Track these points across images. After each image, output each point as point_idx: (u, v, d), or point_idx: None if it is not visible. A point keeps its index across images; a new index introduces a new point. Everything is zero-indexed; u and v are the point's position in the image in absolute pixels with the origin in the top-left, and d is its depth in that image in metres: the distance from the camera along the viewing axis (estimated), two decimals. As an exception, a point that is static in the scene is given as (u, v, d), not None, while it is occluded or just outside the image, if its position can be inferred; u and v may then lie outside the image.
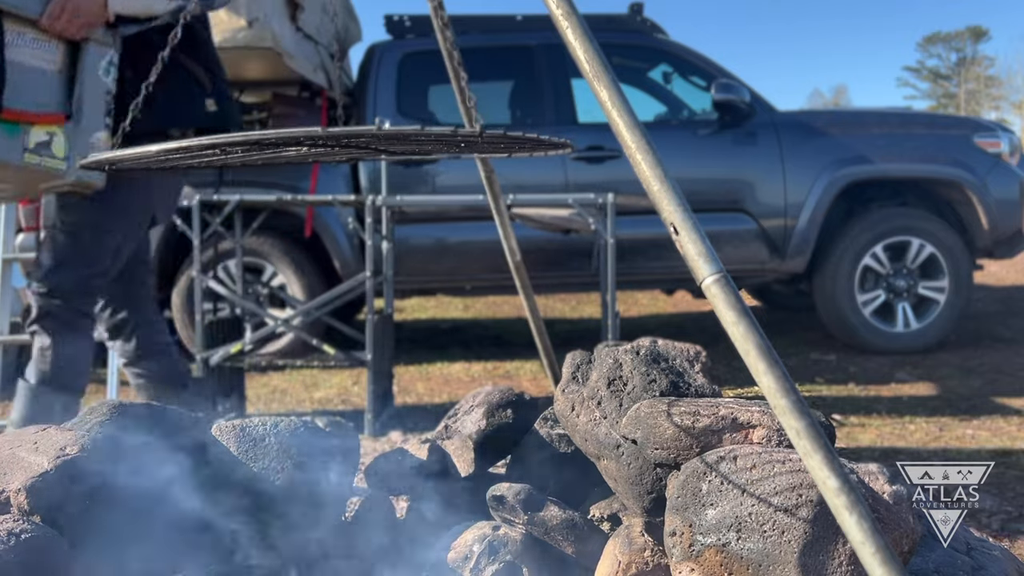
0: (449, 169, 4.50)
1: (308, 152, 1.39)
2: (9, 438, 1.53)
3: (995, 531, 2.30)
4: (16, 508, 1.36)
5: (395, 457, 1.83)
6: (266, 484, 1.59)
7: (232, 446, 1.60)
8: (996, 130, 4.91)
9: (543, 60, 4.79)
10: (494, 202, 2.43)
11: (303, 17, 4.27)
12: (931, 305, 4.67)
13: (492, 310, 6.99)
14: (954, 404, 3.66)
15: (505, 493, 1.55)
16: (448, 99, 4.11)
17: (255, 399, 4.08)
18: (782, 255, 4.63)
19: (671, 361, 1.67)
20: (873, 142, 4.70)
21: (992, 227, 4.66)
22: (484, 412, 1.85)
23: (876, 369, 4.34)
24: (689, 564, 1.25)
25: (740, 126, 4.65)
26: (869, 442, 3.17)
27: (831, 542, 1.17)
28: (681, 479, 1.32)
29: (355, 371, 4.44)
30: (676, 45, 4.98)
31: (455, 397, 3.92)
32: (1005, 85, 48.09)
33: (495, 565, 1.54)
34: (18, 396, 2.55)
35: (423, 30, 4.84)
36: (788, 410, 0.98)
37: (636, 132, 1.11)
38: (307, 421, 1.68)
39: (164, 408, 1.70)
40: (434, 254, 4.59)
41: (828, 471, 0.95)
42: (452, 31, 1.92)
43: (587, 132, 4.58)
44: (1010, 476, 2.73)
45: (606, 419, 1.53)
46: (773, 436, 1.36)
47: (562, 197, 3.69)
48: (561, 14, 1.16)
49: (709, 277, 1.05)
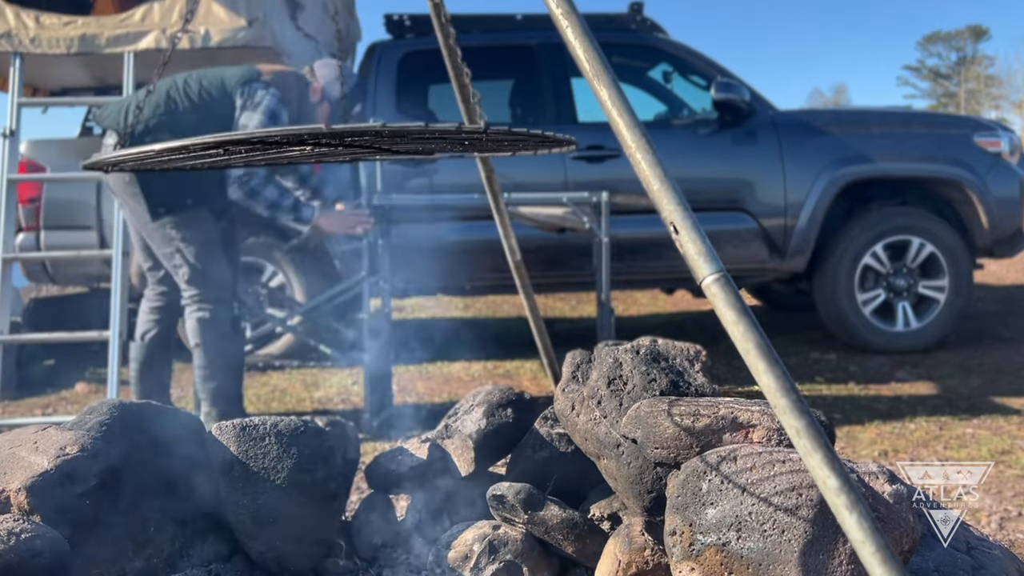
0: (449, 168, 4.49)
1: (311, 152, 1.39)
2: (9, 438, 1.53)
3: (994, 530, 2.30)
4: (16, 508, 1.36)
5: (395, 456, 1.83)
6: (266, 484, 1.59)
7: (232, 446, 1.60)
8: (996, 129, 4.90)
9: (543, 59, 4.79)
10: (494, 201, 2.43)
11: (303, 16, 4.26)
12: (931, 304, 4.67)
13: (492, 310, 6.99)
14: (954, 403, 3.66)
15: (505, 492, 1.55)
16: (448, 98, 4.10)
17: (255, 399, 4.08)
18: (782, 254, 4.63)
19: (671, 360, 1.67)
20: (873, 141, 4.69)
21: (992, 226, 4.66)
22: (484, 411, 1.85)
23: (876, 368, 4.34)
24: (689, 563, 1.25)
25: (740, 125, 4.64)
26: (869, 442, 3.17)
27: (831, 541, 1.17)
28: (681, 478, 1.32)
29: (355, 371, 4.44)
30: (676, 44, 4.97)
31: (455, 397, 3.92)
32: (1005, 84, 48.11)
33: (495, 564, 1.54)
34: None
35: (423, 29, 4.84)
36: (788, 409, 0.98)
37: (636, 131, 1.11)
38: (307, 420, 1.68)
39: (162, 407, 1.70)
40: (434, 254, 4.59)
41: (828, 470, 0.95)
42: (452, 29, 1.92)
43: (587, 131, 4.57)
44: (1010, 475, 2.73)
45: (606, 418, 1.53)
46: (773, 435, 1.36)
47: (557, 196, 3.69)
48: (561, 13, 1.16)
49: (709, 276, 1.05)
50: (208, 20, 3.70)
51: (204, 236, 3.04)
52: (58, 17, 3.77)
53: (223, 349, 3.12)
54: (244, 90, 3.04)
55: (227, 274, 3.13)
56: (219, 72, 3.12)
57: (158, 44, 3.71)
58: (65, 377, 4.64)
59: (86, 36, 3.75)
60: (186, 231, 3.01)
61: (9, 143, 3.76)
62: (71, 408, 4.05)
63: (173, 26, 3.69)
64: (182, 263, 3.03)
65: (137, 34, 3.74)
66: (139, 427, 1.61)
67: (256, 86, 3.04)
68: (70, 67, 4.29)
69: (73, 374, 4.67)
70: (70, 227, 4.51)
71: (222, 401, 3.12)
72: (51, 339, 4.06)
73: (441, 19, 1.87)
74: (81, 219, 4.50)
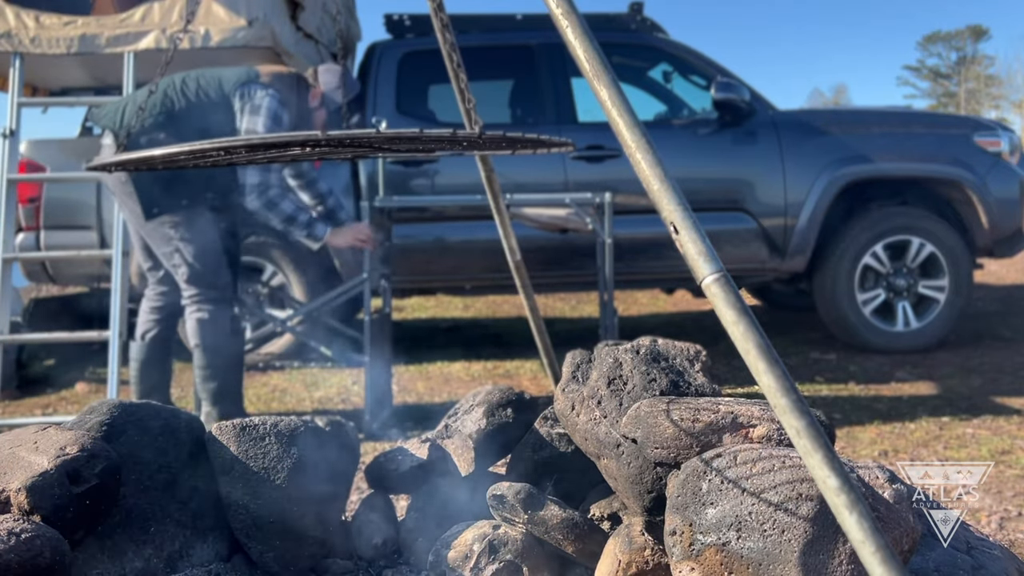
0: (449, 168, 4.49)
1: (312, 151, 1.39)
2: (9, 438, 1.53)
3: (994, 530, 2.30)
4: (16, 508, 1.36)
5: (395, 456, 1.83)
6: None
7: (232, 446, 1.60)
8: (996, 129, 4.90)
9: (543, 59, 4.79)
10: (494, 201, 2.43)
11: (303, 16, 4.26)
12: (931, 304, 4.67)
13: (492, 310, 6.99)
14: (954, 403, 3.66)
15: (505, 492, 1.55)
16: (448, 98, 4.10)
17: (255, 399, 4.08)
18: (782, 254, 4.63)
19: (671, 360, 1.67)
20: (873, 141, 4.69)
21: (992, 226, 4.65)
22: (484, 411, 1.85)
23: (876, 368, 4.34)
24: (689, 563, 1.25)
25: (740, 125, 4.64)
26: (869, 442, 3.17)
27: (831, 541, 1.17)
28: (681, 478, 1.32)
29: (355, 371, 4.44)
30: (676, 44, 4.97)
31: (455, 396, 3.92)
32: (1005, 84, 48.09)
33: (495, 564, 1.54)
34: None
35: (423, 29, 4.84)
36: (788, 409, 0.98)
37: (636, 131, 1.11)
38: (307, 420, 1.68)
39: (162, 407, 1.70)
40: (434, 254, 4.59)
41: (828, 470, 0.95)
42: (452, 30, 1.92)
43: (587, 131, 4.57)
44: (1010, 475, 2.73)
45: (606, 418, 1.53)
46: (773, 435, 1.36)
47: (559, 197, 3.68)
48: (561, 13, 1.16)
49: (709, 276, 1.05)
50: (208, 20, 3.70)
51: (203, 236, 3.04)
52: (58, 17, 3.76)
53: (223, 349, 3.11)
54: (243, 91, 3.03)
55: (227, 274, 3.13)
56: (217, 72, 3.11)
57: (158, 44, 3.71)
58: (65, 377, 4.64)
59: (86, 36, 3.75)
60: (185, 231, 3.01)
61: (9, 143, 3.76)
62: (71, 408, 4.05)
63: (173, 26, 3.68)
64: (181, 263, 3.03)
65: (137, 34, 3.74)
66: (139, 427, 1.61)
67: (255, 87, 3.03)
68: (70, 67, 4.29)
69: (73, 374, 4.67)
70: (70, 227, 4.50)
71: (222, 401, 3.12)
72: (51, 339, 4.05)
73: (440, 19, 1.87)
74: (81, 219, 4.50)
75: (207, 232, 3.06)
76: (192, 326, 3.09)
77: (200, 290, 3.06)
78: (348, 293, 3.69)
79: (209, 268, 3.05)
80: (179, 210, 3.01)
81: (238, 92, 3.03)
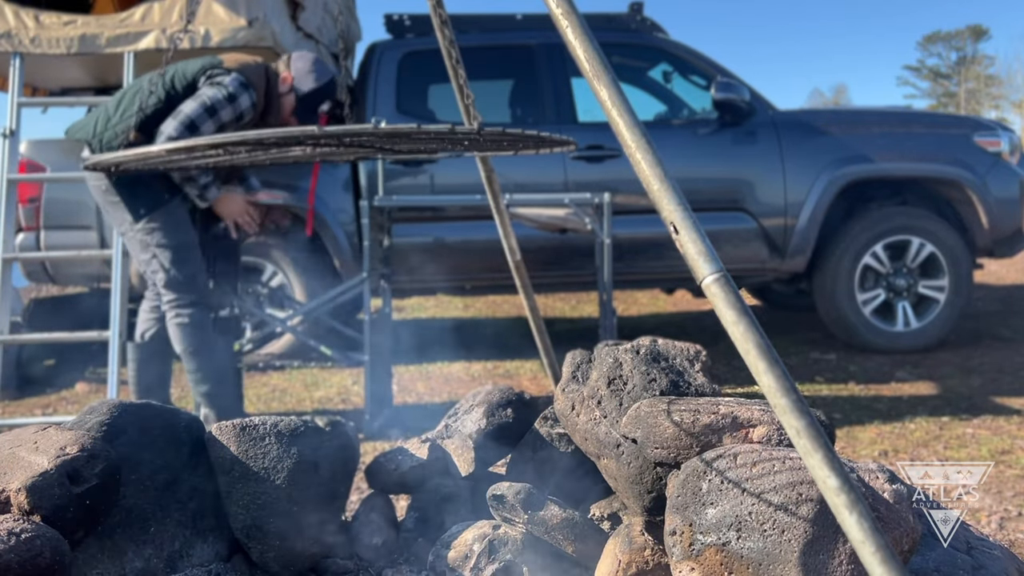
0: (449, 168, 4.49)
1: (315, 151, 1.39)
2: (9, 438, 1.53)
3: (994, 530, 2.30)
4: (16, 508, 1.36)
5: (395, 456, 1.83)
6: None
7: (232, 446, 1.60)
8: (996, 129, 4.90)
9: (543, 59, 4.79)
10: (494, 201, 2.43)
11: (304, 16, 4.26)
12: (931, 304, 4.67)
13: (492, 310, 6.99)
14: (954, 403, 3.66)
15: (505, 492, 1.55)
16: (448, 98, 4.10)
17: (255, 399, 4.08)
18: (782, 254, 4.63)
19: (671, 360, 1.67)
20: (873, 141, 4.69)
21: (992, 226, 4.66)
22: (484, 411, 1.85)
23: (876, 368, 4.34)
24: (689, 563, 1.25)
25: (740, 125, 4.65)
26: (869, 442, 3.17)
27: (831, 541, 1.17)
28: (681, 478, 1.32)
29: (355, 371, 4.44)
30: (676, 44, 4.97)
31: (455, 397, 3.92)
32: (1005, 84, 48.08)
33: (495, 564, 1.54)
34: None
35: (423, 29, 4.84)
36: (788, 409, 0.98)
37: (636, 131, 1.11)
38: (307, 420, 1.68)
39: (162, 408, 1.70)
40: (434, 254, 4.59)
41: (828, 470, 0.95)
42: (451, 26, 1.92)
43: (587, 131, 4.57)
44: (1010, 475, 2.73)
45: (606, 418, 1.53)
46: (773, 435, 1.36)
47: (559, 197, 3.68)
48: (561, 13, 1.16)
49: (709, 276, 1.05)
50: (208, 20, 3.70)
51: (179, 239, 3.04)
52: (58, 17, 3.76)
53: (209, 351, 3.10)
54: (210, 75, 2.99)
55: (203, 277, 3.13)
56: (181, 65, 3.08)
57: (158, 44, 3.71)
58: (65, 377, 4.64)
59: (86, 36, 3.75)
60: (160, 236, 3.00)
61: (9, 143, 3.76)
62: (71, 408, 4.05)
63: (173, 26, 3.68)
64: (158, 268, 3.03)
65: (137, 34, 3.74)
66: (139, 427, 1.61)
67: (218, 72, 3.00)
68: (70, 67, 4.29)
69: (73, 374, 4.67)
70: (70, 227, 4.50)
71: (218, 403, 3.12)
72: (51, 339, 4.05)
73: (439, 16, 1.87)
74: (81, 219, 4.50)
75: (183, 235, 3.05)
76: (174, 332, 3.08)
77: (178, 295, 3.05)
78: (348, 293, 3.70)
79: (186, 273, 3.05)
80: (160, 205, 2.99)
81: (202, 79, 3.00)
